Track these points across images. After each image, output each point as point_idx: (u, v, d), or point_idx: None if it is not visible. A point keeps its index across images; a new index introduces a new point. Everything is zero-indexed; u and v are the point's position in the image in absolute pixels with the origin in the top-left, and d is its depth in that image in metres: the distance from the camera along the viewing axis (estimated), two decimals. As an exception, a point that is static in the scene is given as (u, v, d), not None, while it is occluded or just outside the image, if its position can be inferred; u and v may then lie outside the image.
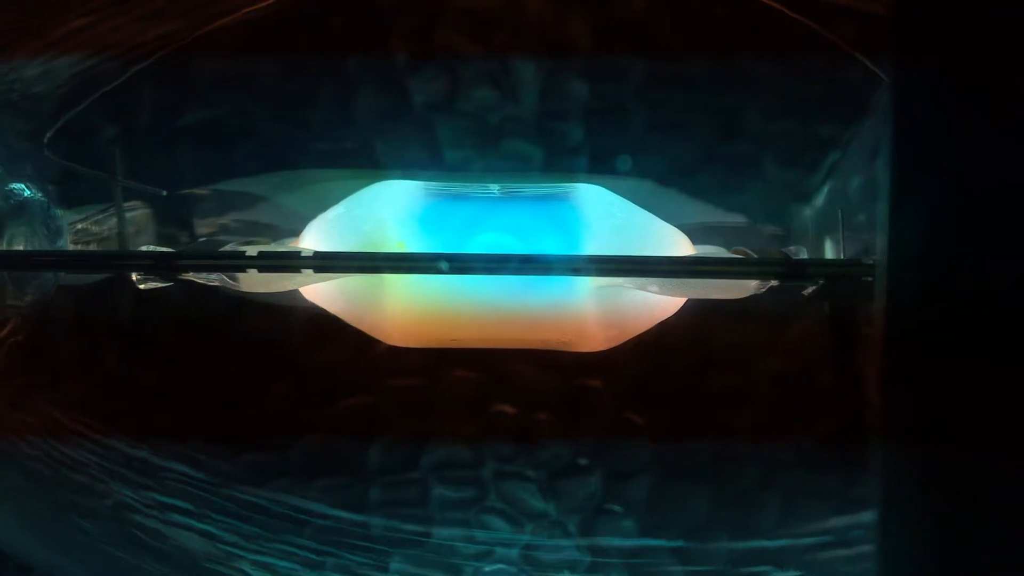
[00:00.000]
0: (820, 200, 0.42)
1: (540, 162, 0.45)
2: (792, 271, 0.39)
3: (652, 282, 0.40)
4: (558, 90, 0.44)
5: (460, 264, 0.36)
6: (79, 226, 0.44)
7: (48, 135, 0.44)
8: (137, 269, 0.40)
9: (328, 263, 0.38)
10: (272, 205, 0.44)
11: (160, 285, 0.41)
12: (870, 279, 0.36)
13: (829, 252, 0.41)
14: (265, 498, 0.45)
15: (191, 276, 0.40)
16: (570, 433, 0.46)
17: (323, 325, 0.44)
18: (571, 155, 0.44)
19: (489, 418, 0.46)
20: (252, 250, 0.38)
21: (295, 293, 0.42)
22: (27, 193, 0.43)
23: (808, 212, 0.43)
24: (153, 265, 0.40)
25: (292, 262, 0.38)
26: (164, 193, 0.44)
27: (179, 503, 0.45)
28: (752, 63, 0.44)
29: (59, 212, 0.43)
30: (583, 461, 0.46)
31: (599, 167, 0.44)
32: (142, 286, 0.41)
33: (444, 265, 0.36)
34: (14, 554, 0.47)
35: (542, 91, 0.44)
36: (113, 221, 0.44)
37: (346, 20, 0.44)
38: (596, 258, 0.38)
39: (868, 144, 0.40)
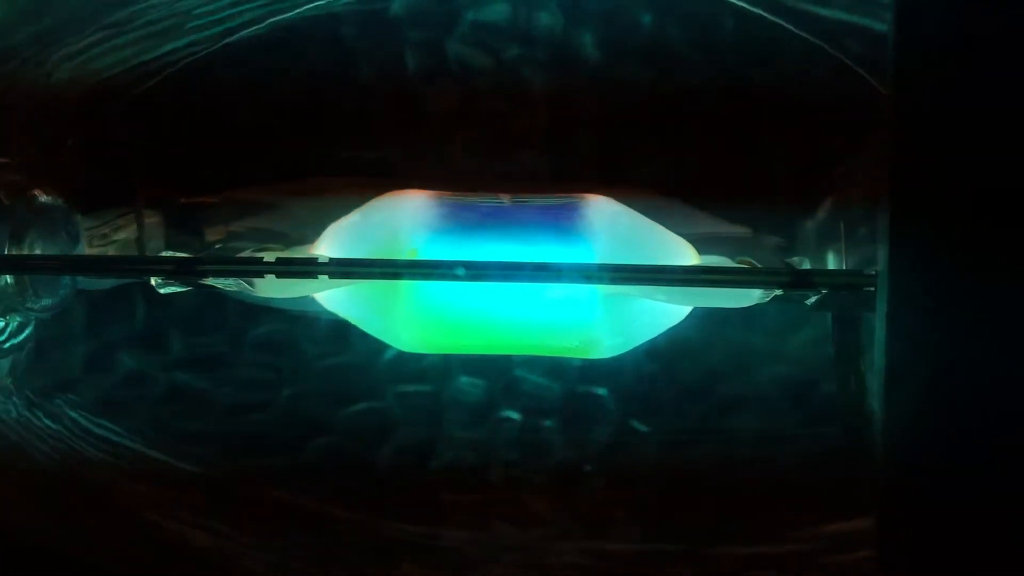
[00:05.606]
0: (823, 213, 0.43)
1: (549, 173, 0.45)
2: (797, 280, 0.39)
3: (659, 290, 0.41)
4: (567, 102, 0.45)
5: (476, 271, 0.37)
6: (93, 231, 0.45)
7: (68, 142, 0.45)
8: (159, 274, 0.41)
9: (347, 269, 0.38)
10: (284, 213, 0.45)
11: (179, 290, 0.42)
12: (872, 289, 0.36)
13: (831, 264, 0.42)
14: (275, 499, 0.46)
15: (210, 281, 0.41)
16: (576, 440, 0.46)
17: (334, 330, 0.45)
18: (580, 166, 0.45)
19: (495, 424, 0.46)
20: (270, 256, 0.39)
21: (306, 298, 0.43)
22: (46, 199, 0.43)
23: (811, 224, 0.44)
24: (174, 270, 0.40)
25: (311, 268, 0.38)
26: (182, 200, 0.45)
27: (191, 502, 0.46)
28: (758, 78, 0.45)
29: (79, 218, 0.44)
30: (588, 467, 0.46)
31: (607, 178, 0.45)
32: (162, 291, 0.41)
33: (461, 271, 0.37)
34: (36, 548, 0.47)
35: (552, 103, 0.45)
36: (129, 227, 0.45)
37: (359, 31, 0.45)
38: (609, 266, 0.38)
39: (871, 158, 0.41)
